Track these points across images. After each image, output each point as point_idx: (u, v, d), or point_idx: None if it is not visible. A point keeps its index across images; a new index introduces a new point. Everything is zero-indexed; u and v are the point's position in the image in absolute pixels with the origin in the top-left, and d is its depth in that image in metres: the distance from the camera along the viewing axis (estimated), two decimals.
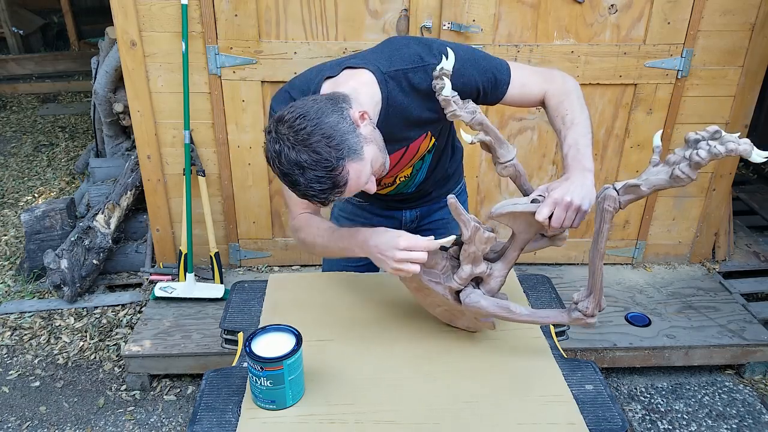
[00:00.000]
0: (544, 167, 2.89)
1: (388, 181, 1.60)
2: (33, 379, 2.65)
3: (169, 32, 2.57)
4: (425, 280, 1.35)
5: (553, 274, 2.98)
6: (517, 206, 1.28)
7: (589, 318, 1.30)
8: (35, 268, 3.17)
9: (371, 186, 1.31)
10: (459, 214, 1.25)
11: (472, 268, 1.30)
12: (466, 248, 1.28)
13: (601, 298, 1.29)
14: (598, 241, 1.23)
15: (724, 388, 2.62)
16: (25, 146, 4.88)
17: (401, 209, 1.77)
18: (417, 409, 1.26)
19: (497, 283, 1.35)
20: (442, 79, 1.29)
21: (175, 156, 2.80)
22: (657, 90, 2.72)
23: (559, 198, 1.25)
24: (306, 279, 1.75)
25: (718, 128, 1.10)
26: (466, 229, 1.26)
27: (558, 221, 1.25)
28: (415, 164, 1.58)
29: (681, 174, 1.13)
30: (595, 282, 1.27)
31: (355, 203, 1.81)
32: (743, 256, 3.19)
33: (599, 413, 1.27)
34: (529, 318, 1.35)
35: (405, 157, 1.52)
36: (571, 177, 1.30)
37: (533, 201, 1.28)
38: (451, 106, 1.30)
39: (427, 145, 1.53)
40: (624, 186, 1.19)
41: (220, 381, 1.35)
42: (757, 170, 4.10)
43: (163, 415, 2.47)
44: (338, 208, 1.87)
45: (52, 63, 6.33)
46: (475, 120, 1.30)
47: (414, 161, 1.56)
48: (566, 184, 1.28)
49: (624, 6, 2.57)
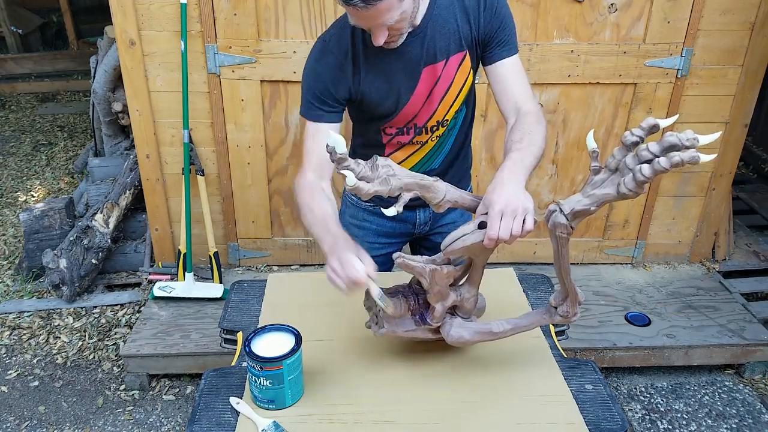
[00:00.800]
0: (543, 166, 2.89)
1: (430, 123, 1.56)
2: (32, 378, 2.65)
3: (168, 31, 2.57)
4: (402, 332, 1.33)
5: (552, 273, 2.96)
6: (467, 238, 1.21)
7: (572, 317, 1.30)
8: (34, 267, 3.17)
9: (378, 38, 1.33)
10: (411, 267, 1.23)
11: (442, 304, 1.29)
12: (430, 289, 1.26)
13: (577, 296, 1.28)
14: (562, 262, 1.21)
15: (724, 388, 2.61)
16: (23, 145, 4.87)
17: (414, 208, 1.75)
18: (417, 409, 1.26)
19: (471, 303, 1.34)
20: (344, 169, 1.15)
21: (174, 155, 2.79)
22: (657, 89, 2.72)
23: (504, 207, 1.20)
24: (305, 278, 1.75)
25: (656, 122, 1.04)
26: (424, 277, 1.23)
27: (507, 231, 1.19)
28: (452, 117, 1.56)
29: (628, 191, 1.07)
30: (568, 289, 1.27)
31: (367, 208, 1.78)
32: (743, 256, 3.19)
33: (599, 413, 1.26)
34: (513, 331, 1.34)
35: (443, 79, 1.50)
36: (506, 185, 1.25)
37: (480, 226, 1.23)
38: (362, 188, 1.15)
39: (464, 75, 1.52)
40: (572, 212, 1.13)
41: (219, 381, 1.35)
42: (757, 170, 4.10)
43: (162, 414, 2.47)
44: (349, 215, 1.83)
45: (50, 62, 6.32)
46: (393, 188, 1.18)
47: (452, 99, 1.53)
48: (504, 193, 1.23)
49: (624, 5, 2.57)
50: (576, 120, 2.79)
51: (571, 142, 2.83)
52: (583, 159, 2.88)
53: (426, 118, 1.55)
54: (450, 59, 1.49)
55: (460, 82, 1.52)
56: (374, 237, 1.80)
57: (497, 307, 1.52)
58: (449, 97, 1.54)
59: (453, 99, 1.54)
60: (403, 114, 1.54)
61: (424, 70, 1.48)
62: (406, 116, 1.54)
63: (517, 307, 1.59)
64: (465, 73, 1.52)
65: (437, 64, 1.48)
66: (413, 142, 1.59)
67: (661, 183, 2.93)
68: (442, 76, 1.50)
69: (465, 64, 1.51)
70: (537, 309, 1.42)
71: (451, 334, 1.32)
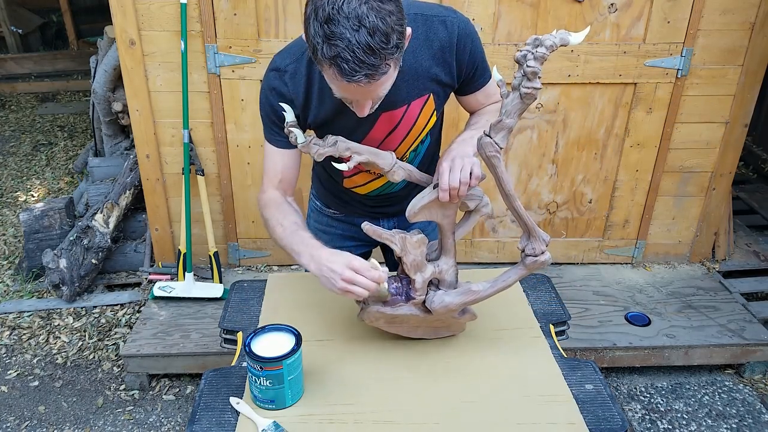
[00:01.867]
0: (543, 166, 2.89)
1: None
2: (32, 378, 2.65)
3: (168, 31, 2.57)
4: (390, 311, 1.35)
5: (552, 273, 2.98)
6: (424, 198, 1.32)
7: (542, 256, 1.33)
8: (34, 267, 3.17)
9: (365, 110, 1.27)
10: (379, 235, 1.30)
11: (421, 275, 1.33)
12: (405, 260, 1.31)
13: (540, 233, 1.33)
14: (503, 186, 1.27)
15: (724, 388, 2.61)
16: (23, 145, 4.87)
17: (379, 218, 1.72)
18: (416, 409, 1.26)
19: (451, 275, 1.37)
20: (292, 132, 1.35)
21: (174, 155, 2.79)
22: (657, 89, 2.72)
23: (451, 162, 1.30)
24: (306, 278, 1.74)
25: (535, 36, 1.14)
26: (395, 244, 1.30)
27: (456, 179, 1.28)
28: (412, 150, 1.52)
29: (526, 90, 1.15)
30: (525, 223, 1.31)
31: (330, 215, 1.77)
32: (743, 256, 3.19)
33: (599, 413, 1.26)
34: (493, 289, 1.36)
35: (403, 124, 1.44)
36: (452, 150, 1.36)
37: (435, 186, 1.33)
38: (312, 148, 1.33)
39: (427, 117, 1.46)
40: (490, 129, 1.22)
41: (219, 381, 1.35)
42: (757, 169, 4.10)
43: (162, 414, 2.47)
44: (314, 220, 1.83)
45: (51, 62, 6.32)
46: (340, 148, 1.34)
47: (412, 140, 1.49)
48: (451, 154, 1.34)
49: (624, 5, 2.57)
50: (576, 120, 2.79)
51: (571, 142, 2.83)
52: (584, 159, 2.88)
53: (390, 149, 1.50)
54: (411, 105, 1.42)
55: (423, 123, 1.47)
56: (341, 241, 1.79)
57: (497, 306, 1.52)
58: (411, 138, 1.49)
59: (415, 138, 1.50)
60: None
61: (381, 115, 1.40)
62: None
63: (517, 307, 1.59)
64: (429, 112, 1.47)
65: (396, 110, 1.41)
66: (370, 172, 1.54)
67: (661, 183, 2.93)
68: (402, 121, 1.44)
69: (428, 105, 1.45)
70: None
71: (435, 300, 1.35)
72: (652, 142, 2.84)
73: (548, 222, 3.02)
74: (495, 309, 1.50)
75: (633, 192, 2.96)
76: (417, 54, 1.36)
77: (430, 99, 1.44)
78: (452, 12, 1.39)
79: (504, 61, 2.62)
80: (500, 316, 1.52)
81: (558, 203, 2.99)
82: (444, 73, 1.40)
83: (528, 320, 1.53)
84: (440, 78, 1.41)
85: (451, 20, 1.36)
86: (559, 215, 3.01)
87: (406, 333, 1.45)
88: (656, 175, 2.91)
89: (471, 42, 1.39)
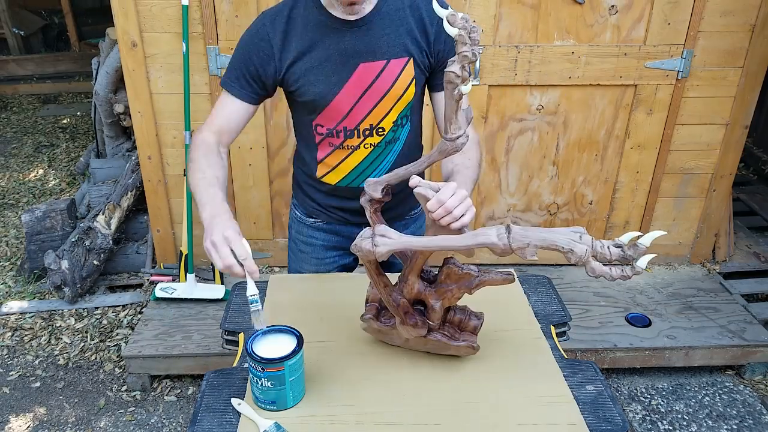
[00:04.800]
0: (544, 168, 2.89)
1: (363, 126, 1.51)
2: (34, 379, 2.65)
3: (169, 33, 2.57)
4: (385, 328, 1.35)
5: (553, 274, 2.98)
6: (428, 191, 1.23)
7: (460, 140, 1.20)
8: (36, 268, 3.18)
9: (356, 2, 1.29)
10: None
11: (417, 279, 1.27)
12: None
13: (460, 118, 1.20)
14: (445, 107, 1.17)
15: (725, 389, 2.62)
16: (25, 147, 4.88)
17: (360, 225, 1.68)
18: (417, 410, 1.26)
19: None
20: None
21: (175, 157, 2.80)
22: (657, 91, 2.73)
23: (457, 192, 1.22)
24: (307, 280, 1.75)
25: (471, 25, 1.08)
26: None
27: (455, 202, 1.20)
28: (391, 129, 1.51)
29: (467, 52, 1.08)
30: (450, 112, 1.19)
31: (312, 225, 1.76)
32: (743, 257, 3.19)
33: (600, 414, 1.27)
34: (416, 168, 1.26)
35: (381, 81, 1.44)
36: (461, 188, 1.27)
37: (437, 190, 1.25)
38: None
39: (405, 83, 1.46)
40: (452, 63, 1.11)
41: (220, 382, 1.35)
42: (757, 171, 4.10)
43: (163, 415, 2.47)
44: (295, 231, 1.82)
45: (52, 64, 6.33)
46: None
47: (390, 105, 1.48)
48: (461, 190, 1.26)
49: (624, 7, 2.57)
50: (576, 122, 2.80)
51: (571, 143, 2.84)
52: (584, 160, 2.88)
53: (358, 119, 1.50)
54: (391, 62, 1.44)
55: (400, 89, 1.47)
56: (322, 252, 1.78)
57: (498, 307, 1.52)
58: (387, 102, 1.48)
59: (391, 105, 1.49)
60: (334, 108, 1.49)
61: (360, 65, 1.43)
62: (336, 111, 1.49)
63: (517, 308, 1.59)
64: (407, 79, 1.47)
65: (375, 63, 1.43)
66: (344, 146, 1.55)
67: (661, 185, 2.93)
68: (380, 77, 1.45)
69: (407, 71, 1.46)
70: None
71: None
72: (652, 144, 2.84)
73: (549, 223, 3.02)
74: (496, 310, 1.50)
75: (633, 193, 2.96)
76: (401, 12, 1.41)
77: (409, 64, 1.45)
78: None
79: (505, 62, 2.63)
80: (501, 317, 1.52)
81: (559, 205, 2.99)
82: (423, 41, 1.43)
83: (529, 321, 1.54)
84: (420, 43, 1.44)
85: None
86: (560, 217, 3.02)
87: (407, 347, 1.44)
88: (657, 176, 2.91)
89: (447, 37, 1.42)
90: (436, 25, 1.43)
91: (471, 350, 1.35)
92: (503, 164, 2.88)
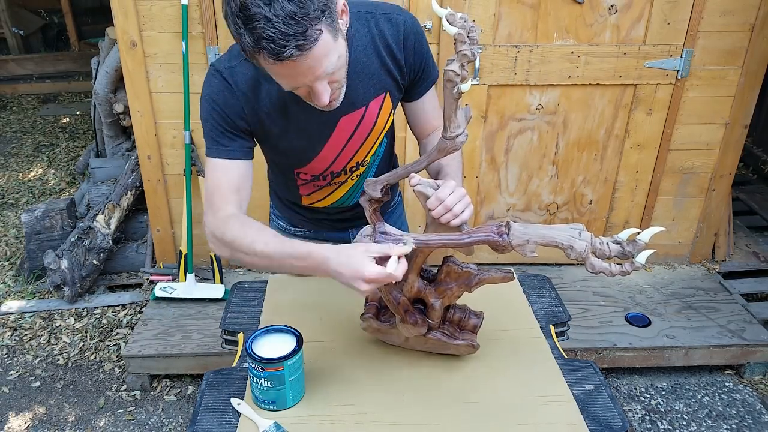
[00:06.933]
0: (544, 167, 2.89)
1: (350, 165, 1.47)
2: (33, 379, 2.65)
3: (169, 32, 2.57)
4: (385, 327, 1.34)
5: (553, 274, 2.98)
6: (428, 189, 1.24)
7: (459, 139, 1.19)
8: (35, 268, 3.18)
9: (324, 96, 1.15)
10: None
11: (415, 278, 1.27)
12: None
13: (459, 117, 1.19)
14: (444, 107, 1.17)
15: (724, 389, 2.62)
16: (25, 147, 4.88)
17: (347, 230, 1.69)
18: (417, 410, 1.26)
19: None
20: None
21: (175, 156, 2.80)
22: (657, 90, 2.73)
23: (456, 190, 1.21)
24: (306, 280, 1.75)
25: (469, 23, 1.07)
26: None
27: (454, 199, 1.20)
28: (372, 154, 1.48)
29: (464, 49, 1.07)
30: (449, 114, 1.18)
31: (297, 234, 1.72)
32: (743, 257, 3.19)
33: (599, 413, 1.27)
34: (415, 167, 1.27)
35: (363, 126, 1.40)
36: None
37: None
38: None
39: (385, 117, 1.43)
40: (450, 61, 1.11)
41: (220, 381, 1.35)
42: (756, 171, 4.10)
43: (163, 415, 2.47)
44: None
45: (52, 63, 6.33)
46: None
47: (372, 142, 1.45)
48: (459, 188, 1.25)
49: (624, 6, 2.57)
50: (576, 121, 2.80)
51: (571, 143, 2.84)
52: (584, 160, 2.88)
53: (344, 163, 1.46)
54: (370, 105, 1.37)
55: (382, 123, 1.43)
56: None
57: (498, 307, 1.52)
58: (371, 140, 1.45)
59: (375, 139, 1.46)
60: (318, 162, 1.43)
61: (341, 119, 1.36)
62: (320, 164, 1.44)
63: (517, 307, 1.59)
64: (387, 112, 1.43)
65: (355, 112, 1.36)
66: (332, 184, 1.51)
67: (661, 184, 2.93)
68: (362, 122, 1.39)
69: (386, 104, 1.41)
70: None
71: None
72: (652, 143, 2.84)
73: (548, 223, 3.03)
74: (495, 309, 1.50)
75: (633, 193, 2.96)
76: (367, 51, 1.33)
77: (386, 98, 1.40)
78: (398, 9, 1.37)
79: (504, 62, 2.63)
80: (500, 317, 1.52)
81: (558, 204, 3.00)
82: (395, 67, 1.37)
83: (528, 321, 1.54)
84: (392, 72, 1.37)
85: (396, 17, 1.34)
86: (560, 216, 3.02)
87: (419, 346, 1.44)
88: (656, 176, 2.91)
89: (416, 38, 1.36)
90: (402, 40, 1.35)
91: (471, 349, 1.35)
92: (503, 164, 2.88)
